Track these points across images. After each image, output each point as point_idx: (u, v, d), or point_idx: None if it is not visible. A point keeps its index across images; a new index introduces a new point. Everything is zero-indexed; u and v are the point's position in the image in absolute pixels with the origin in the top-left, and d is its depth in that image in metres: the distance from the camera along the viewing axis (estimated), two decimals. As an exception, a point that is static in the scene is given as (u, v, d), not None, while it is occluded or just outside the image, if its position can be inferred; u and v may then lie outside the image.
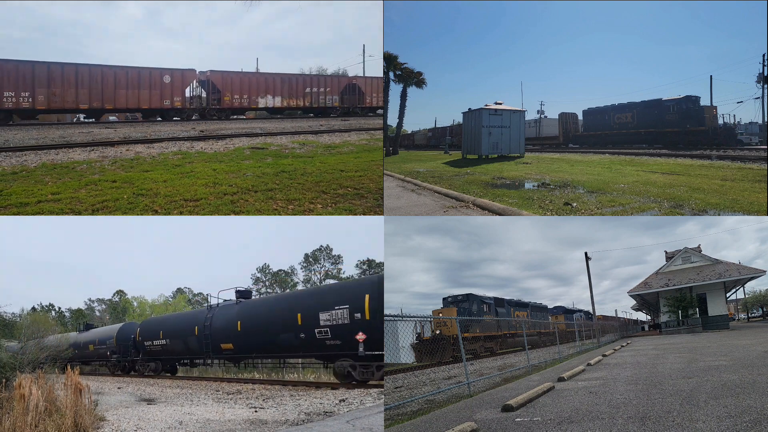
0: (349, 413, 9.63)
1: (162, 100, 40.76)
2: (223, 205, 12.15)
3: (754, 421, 5.62)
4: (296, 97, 48.26)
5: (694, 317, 33.44)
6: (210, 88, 43.97)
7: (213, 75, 43.87)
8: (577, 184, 18.31)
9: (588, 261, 40.30)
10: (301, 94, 48.42)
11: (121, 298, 62.70)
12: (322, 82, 50.53)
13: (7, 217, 11.39)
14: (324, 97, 49.77)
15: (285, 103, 47.71)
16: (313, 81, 49.93)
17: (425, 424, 6.99)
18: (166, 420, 9.60)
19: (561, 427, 6.20)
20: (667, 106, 40.78)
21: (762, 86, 39.93)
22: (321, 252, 57.83)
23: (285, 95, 47.50)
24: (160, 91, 40.58)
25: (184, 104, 42.04)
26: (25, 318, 29.82)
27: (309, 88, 49.05)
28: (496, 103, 35.09)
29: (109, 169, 16.22)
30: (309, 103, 49.02)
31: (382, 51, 49.19)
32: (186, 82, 42.37)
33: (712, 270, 34.45)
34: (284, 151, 21.80)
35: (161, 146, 22.43)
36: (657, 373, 10.96)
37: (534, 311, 31.99)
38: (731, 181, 18.01)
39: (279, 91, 47.19)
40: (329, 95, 50.04)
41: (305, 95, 48.68)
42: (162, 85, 40.70)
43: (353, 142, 26.29)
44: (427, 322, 20.81)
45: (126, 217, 11.58)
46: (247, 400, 12.66)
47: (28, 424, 7.61)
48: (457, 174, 24.47)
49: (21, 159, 17.99)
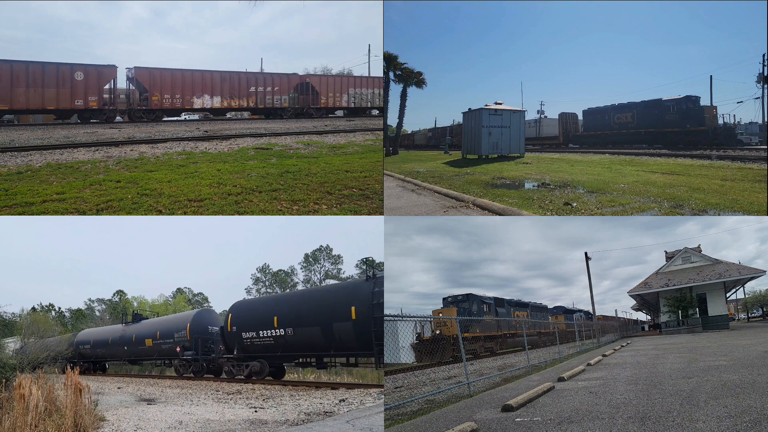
0: (348, 413, 9.64)
1: (73, 99, 36.12)
2: (227, 206, 12.17)
3: (754, 421, 5.62)
4: (239, 97, 44.28)
5: (694, 317, 33.44)
6: (136, 86, 40.15)
7: (139, 72, 39.78)
8: (577, 184, 18.31)
9: (588, 261, 40.32)
10: (244, 94, 44.44)
11: (121, 298, 62.71)
12: (270, 81, 46.36)
13: (6, 217, 11.40)
14: (272, 96, 45.90)
15: (225, 103, 43.73)
16: (258, 79, 45.96)
17: (425, 424, 7.00)
18: (166, 420, 9.62)
19: (561, 427, 6.21)
20: (667, 106, 40.78)
21: (762, 86, 39.92)
22: (321, 252, 57.85)
23: (226, 95, 43.45)
24: (71, 89, 35.94)
25: (102, 104, 37.58)
26: (25, 318, 29.84)
27: (254, 87, 45.04)
28: (496, 103, 35.10)
29: (114, 169, 16.25)
30: (254, 104, 45.18)
31: (382, 51, 49.19)
32: (104, 79, 37.68)
33: (712, 270, 34.45)
34: (289, 151, 21.82)
35: (165, 146, 22.47)
36: (657, 373, 10.96)
37: (534, 311, 32.00)
38: (731, 181, 18.01)
39: (218, 90, 43.10)
40: (278, 95, 46.23)
41: (250, 95, 44.67)
42: (73, 82, 36.05)
43: (358, 142, 26.29)
44: (427, 322, 20.82)
45: (127, 217, 11.59)
46: (247, 400, 12.67)
47: (28, 424, 7.62)
48: (457, 174, 24.47)
49: (26, 159, 18.05)
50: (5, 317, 26.23)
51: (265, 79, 46.51)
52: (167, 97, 40.47)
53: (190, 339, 20.66)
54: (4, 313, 24.74)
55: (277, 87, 46.45)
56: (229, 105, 44.24)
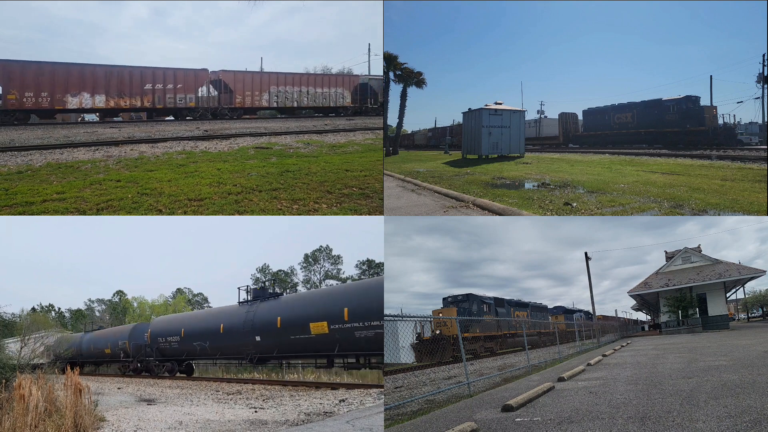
0: (348, 413, 9.64)
1: None
2: (227, 205, 12.17)
3: (754, 421, 5.62)
4: (131, 96, 38.26)
5: (694, 317, 33.45)
6: None
7: None
8: (577, 184, 18.31)
9: (588, 261, 40.33)
10: (138, 92, 38.58)
11: (121, 299, 62.73)
12: (171, 77, 40.25)
13: (6, 217, 11.40)
14: (174, 95, 40.26)
15: (113, 102, 37.51)
16: (157, 75, 39.65)
17: (425, 424, 7.00)
18: (166, 420, 9.62)
19: (561, 427, 6.21)
20: (667, 106, 40.79)
21: (762, 86, 39.94)
22: (321, 252, 57.85)
23: (113, 93, 37.37)
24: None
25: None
26: (24, 318, 29.82)
27: (151, 84, 39.24)
28: (496, 103, 35.10)
29: (114, 169, 16.25)
30: (151, 103, 39.44)
31: (382, 51, 49.13)
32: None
33: (712, 270, 34.45)
34: (289, 150, 21.82)
35: (165, 146, 22.47)
36: (657, 373, 10.96)
37: (534, 311, 32.00)
38: (731, 181, 18.01)
39: (102, 87, 36.87)
40: (182, 93, 40.58)
41: (145, 93, 38.93)
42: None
43: (358, 141, 26.29)
44: (427, 322, 20.82)
45: (127, 217, 11.59)
46: (247, 400, 12.67)
47: (28, 425, 7.62)
48: (457, 174, 24.47)
49: (26, 158, 18.04)
50: (5, 317, 26.23)
51: (166, 75, 40.08)
52: (29, 96, 34.09)
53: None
54: (4, 314, 24.75)
55: (180, 84, 40.50)
56: (118, 105, 38.02)
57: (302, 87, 47.14)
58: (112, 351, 26.42)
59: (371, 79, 51.82)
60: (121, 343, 25.64)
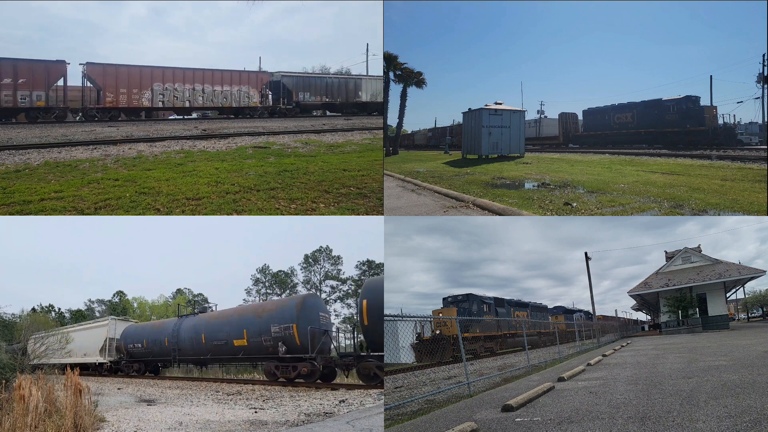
0: (348, 414, 9.63)
1: None
2: (225, 204, 12.16)
3: (754, 421, 5.61)
4: None
5: (694, 317, 33.44)
6: None
7: None
8: (577, 184, 18.30)
9: (588, 261, 40.31)
10: None
11: (122, 299, 62.68)
12: (11, 71, 33.66)
13: (6, 217, 11.39)
14: (13, 93, 33.97)
15: None
16: None
17: (425, 424, 6.99)
18: (166, 421, 9.60)
19: (561, 427, 6.20)
20: (667, 106, 40.78)
21: (762, 86, 39.93)
22: (321, 253, 57.80)
23: None
24: None
25: None
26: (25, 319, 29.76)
27: None
28: (496, 103, 35.10)
29: (112, 168, 16.24)
30: None
31: (383, 51, 49.01)
32: None
33: (712, 270, 34.44)
34: (287, 150, 21.81)
35: (164, 145, 22.46)
36: (657, 373, 10.96)
37: (534, 311, 31.99)
38: (731, 181, 18.01)
39: None
40: (26, 89, 34.39)
41: None
42: None
43: (356, 141, 26.29)
44: (427, 322, 20.81)
45: (126, 217, 11.58)
46: (247, 400, 12.66)
47: (28, 425, 7.61)
48: (457, 174, 24.46)
49: (24, 157, 18.02)
50: (5, 318, 26.21)
51: (2, 67, 33.57)
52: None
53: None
54: (4, 314, 24.74)
55: (24, 79, 34.12)
56: None
57: (197, 84, 42.19)
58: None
59: (285, 76, 47.91)
60: None
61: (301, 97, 48.46)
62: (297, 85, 48.33)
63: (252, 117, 44.60)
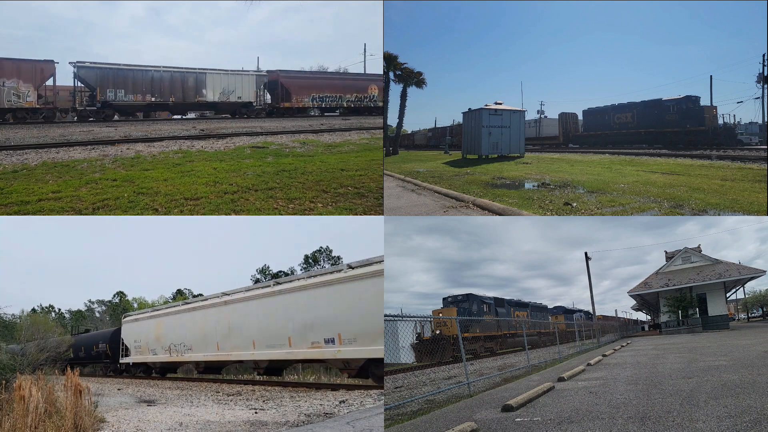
0: (349, 414, 9.62)
1: None
2: (223, 204, 12.15)
3: (754, 421, 5.61)
4: None
5: (694, 317, 33.43)
6: None
7: None
8: (577, 184, 18.30)
9: (588, 261, 40.31)
10: None
11: (122, 300, 62.67)
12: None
13: (6, 217, 11.38)
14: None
15: None
16: None
17: (425, 424, 6.98)
18: (166, 422, 9.59)
19: (561, 427, 6.19)
20: (667, 106, 40.77)
21: (762, 86, 39.91)
22: (321, 253, 57.80)
23: None
24: None
25: None
26: (25, 319, 29.77)
27: None
28: (496, 103, 35.08)
29: (110, 168, 16.22)
30: None
31: (382, 51, 48.97)
32: None
33: (712, 270, 34.43)
34: (285, 150, 21.80)
35: (162, 145, 22.43)
36: (657, 373, 10.95)
37: (534, 311, 31.99)
38: (731, 181, 18.00)
39: None
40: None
41: None
42: None
43: (354, 141, 26.28)
44: (427, 322, 20.81)
45: (126, 217, 11.57)
46: (247, 401, 12.65)
47: (28, 426, 7.59)
48: (457, 174, 24.46)
49: (22, 157, 17.98)
50: (5, 319, 26.20)
51: None
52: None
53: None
54: (5, 315, 24.72)
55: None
56: None
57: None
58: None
59: (83, 68, 37.25)
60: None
61: (111, 96, 37.95)
62: (103, 79, 37.47)
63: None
